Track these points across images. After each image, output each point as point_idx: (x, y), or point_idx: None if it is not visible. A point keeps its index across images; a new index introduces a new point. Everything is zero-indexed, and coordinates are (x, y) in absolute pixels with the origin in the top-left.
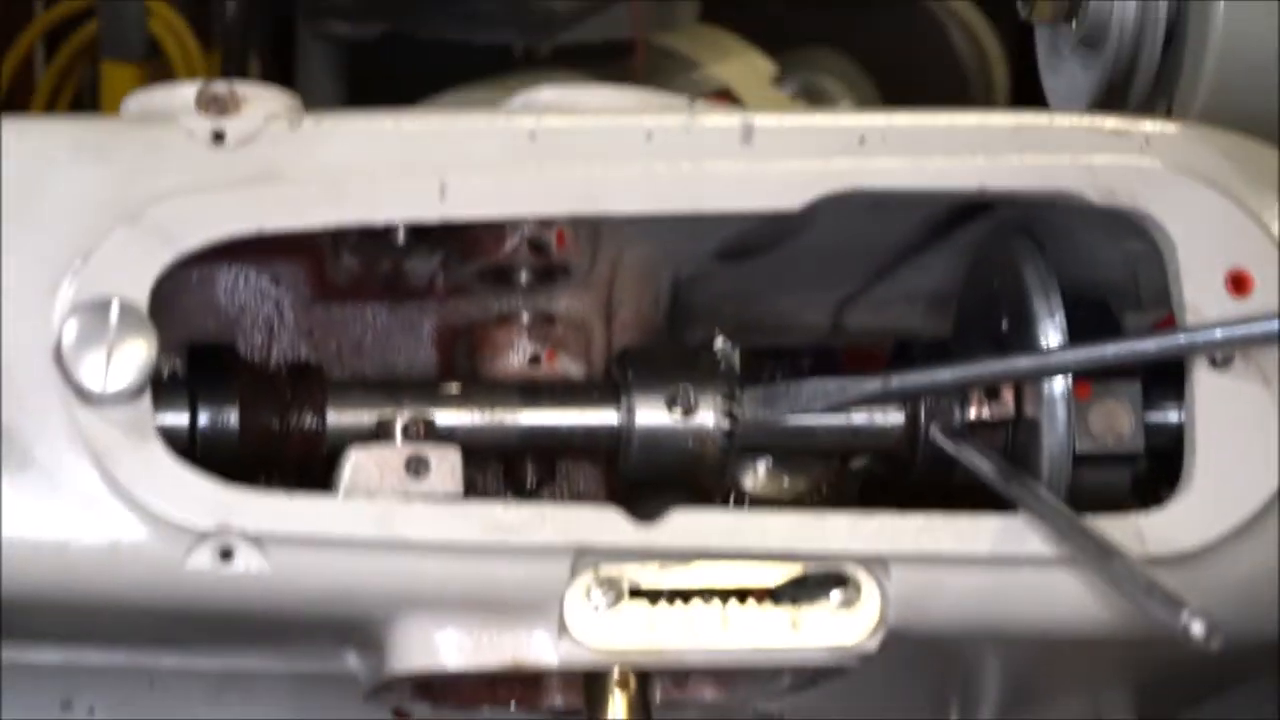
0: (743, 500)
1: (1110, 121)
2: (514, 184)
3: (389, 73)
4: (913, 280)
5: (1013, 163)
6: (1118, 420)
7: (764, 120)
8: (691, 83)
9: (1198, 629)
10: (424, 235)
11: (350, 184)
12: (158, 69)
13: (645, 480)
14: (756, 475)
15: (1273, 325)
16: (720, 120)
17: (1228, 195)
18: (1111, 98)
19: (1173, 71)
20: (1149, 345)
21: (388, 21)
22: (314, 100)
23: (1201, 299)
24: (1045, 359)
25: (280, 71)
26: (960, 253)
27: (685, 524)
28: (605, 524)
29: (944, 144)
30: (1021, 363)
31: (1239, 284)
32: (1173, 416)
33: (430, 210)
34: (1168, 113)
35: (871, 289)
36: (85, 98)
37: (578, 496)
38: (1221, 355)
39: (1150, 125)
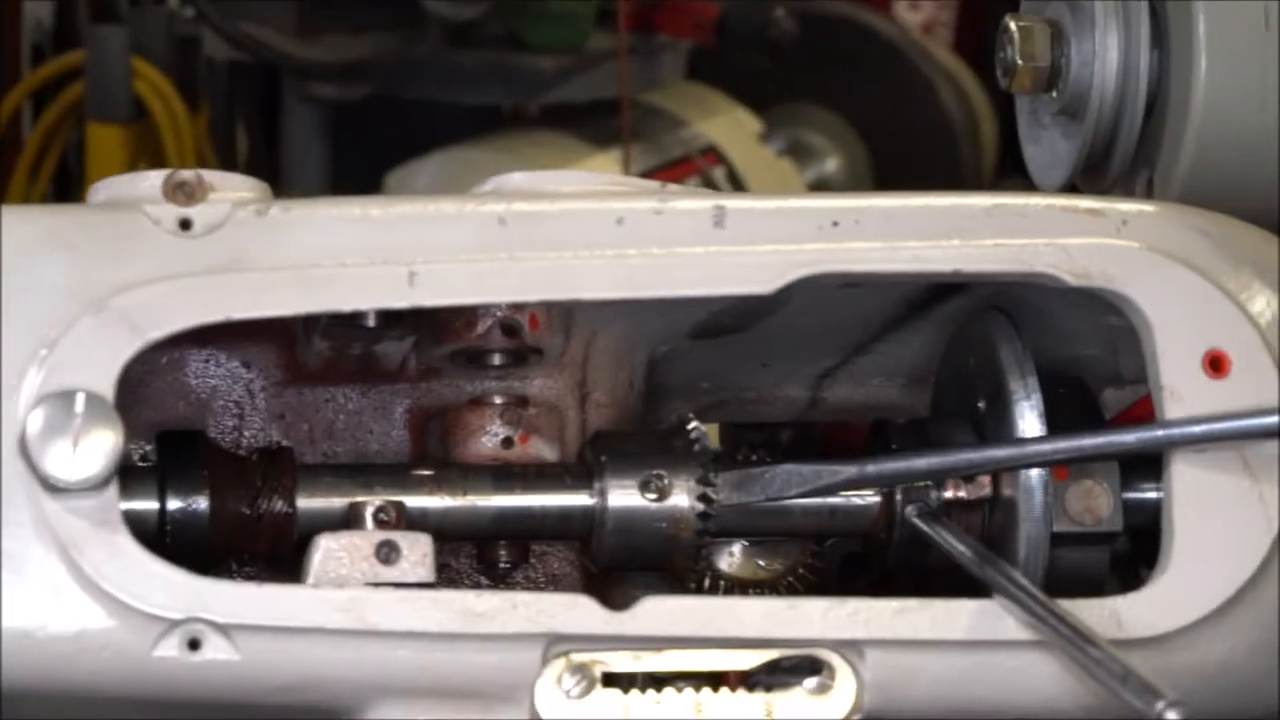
0: (718, 583)
1: (1086, 202)
2: (484, 270)
3: (375, 133)
4: (892, 355)
5: (987, 245)
6: (1096, 500)
7: (735, 203)
8: (678, 140)
9: (1173, 717)
10: (396, 319)
11: (318, 271)
12: (143, 130)
13: (619, 564)
14: (732, 557)
15: (1253, 423)
16: (691, 204)
17: (1205, 276)
18: (1092, 167)
19: (1154, 141)
20: (1128, 438)
21: (373, 83)
22: (300, 161)
23: (1179, 380)
24: (1022, 450)
25: (266, 133)
26: (939, 328)
27: (658, 611)
28: (577, 612)
29: (918, 226)
30: (998, 453)
31: (1217, 365)
32: (1151, 494)
33: (399, 297)
34: (1149, 182)
35: (850, 364)
36: (71, 157)
37: (552, 579)
38: None
39: (1127, 206)
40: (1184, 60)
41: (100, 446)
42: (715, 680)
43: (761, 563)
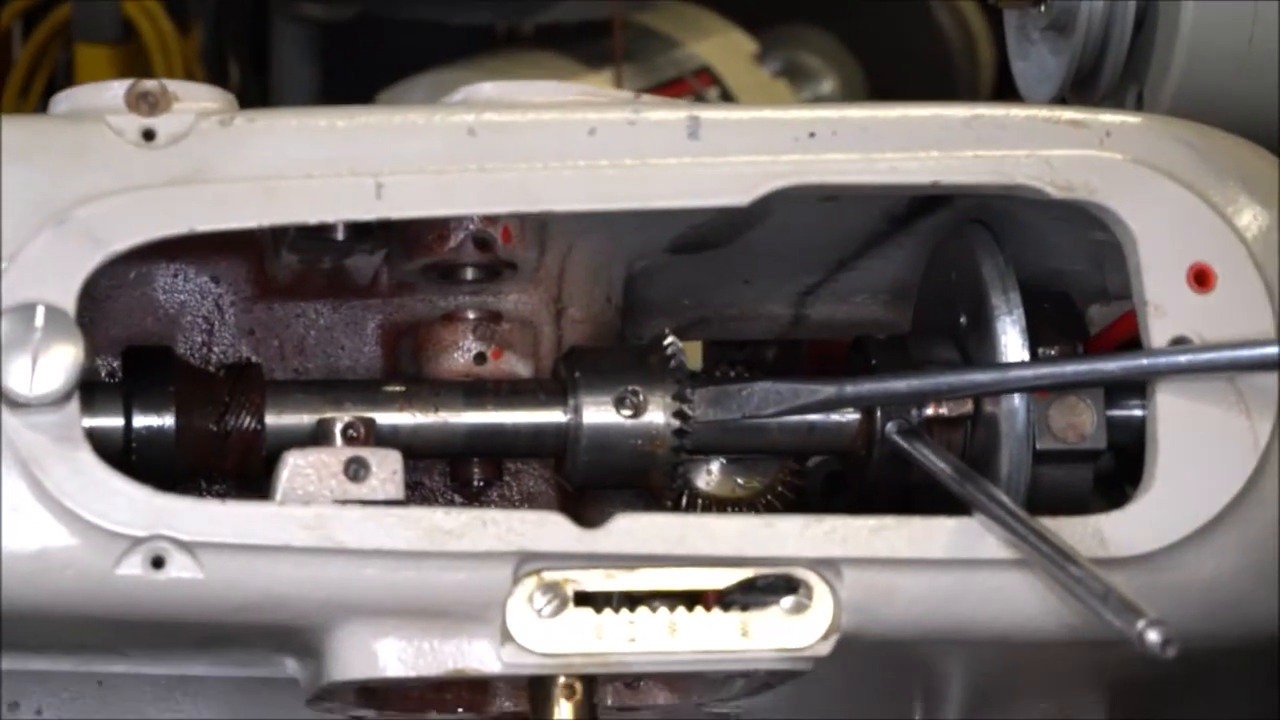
0: (696, 501)
1: (1069, 113)
2: (453, 182)
3: (365, 54)
4: (874, 271)
5: (966, 156)
6: (1079, 417)
7: (710, 114)
8: (672, 61)
9: (1153, 637)
10: (365, 231)
11: (284, 183)
12: (132, 51)
13: (594, 482)
14: (710, 475)
15: (1242, 354)
16: (665, 114)
17: (1191, 189)
18: (1081, 82)
19: (1144, 55)
20: (1111, 366)
21: (362, 3)
22: (289, 84)
23: (1164, 295)
24: (1003, 374)
25: (255, 55)
26: (922, 243)
27: (631, 529)
28: (549, 529)
29: (896, 138)
30: (980, 377)
31: (1202, 279)
32: (1136, 411)
33: (366, 210)
34: (1139, 98)
35: (833, 280)
36: (61, 78)
37: (527, 498)
38: None
39: (1110, 117)
40: None
41: (61, 361)
42: (690, 599)
43: (740, 480)
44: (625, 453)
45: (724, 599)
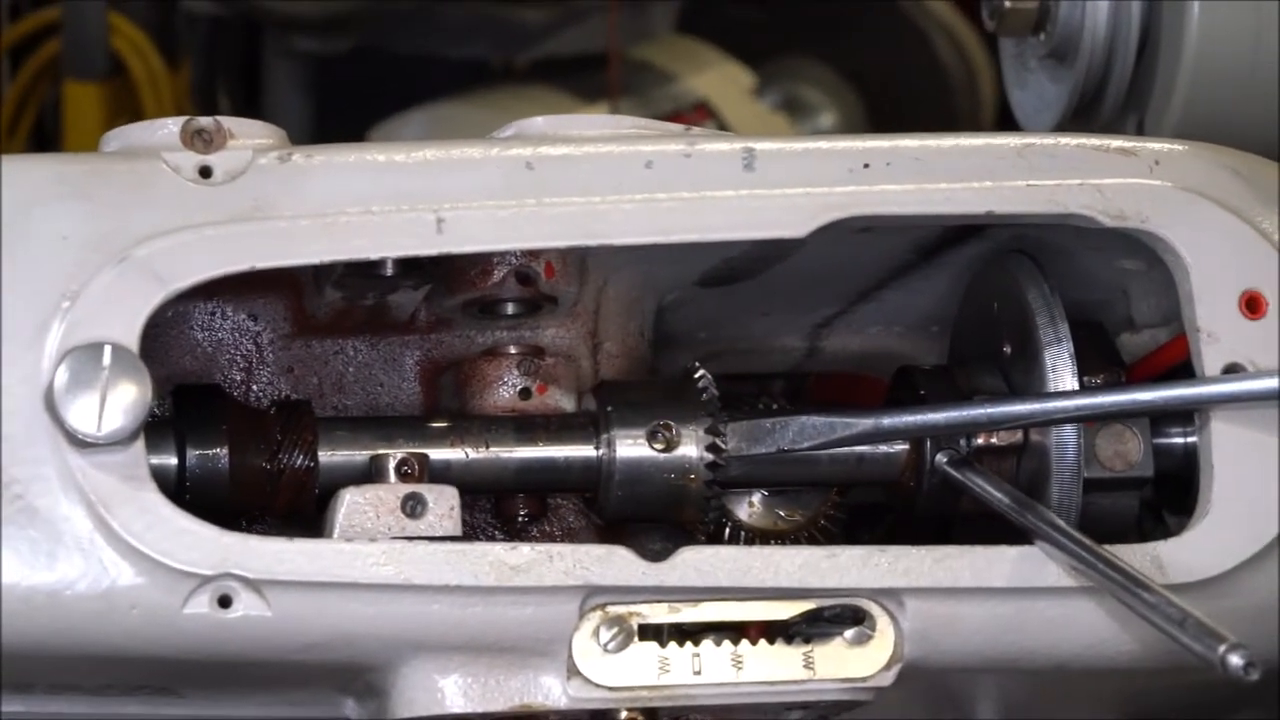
0: (739, 534)
1: (1116, 141)
2: (513, 216)
3: (358, 88)
4: (891, 302)
5: (1020, 185)
6: (1127, 445)
7: (765, 145)
8: (668, 95)
9: (1236, 660)
10: (412, 267)
11: (343, 219)
12: (121, 88)
13: (627, 516)
14: (752, 508)
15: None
16: (721, 146)
17: (1240, 215)
18: (1081, 111)
19: (1145, 82)
20: (1157, 396)
21: (356, 37)
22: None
23: (1215, 322)
24: (1048, 404)
25: (247, 90)
26: (945, 274)
27: (696, 562)
28: (615, 564)
29: (949, 168)
30: (1018, 408)
31: (1253, 306)
32: (1180, 439)
33: (427, 244)
34: (1139, 127)
35: (850, 312)
36: (48, 116)
37: (568, 533)
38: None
39: (1157, 145)
40: (1176, 2)
41: (128, 400)
42: (753, 632)
43: (782, 513)
44: (658, 486)
45: (788, 631)
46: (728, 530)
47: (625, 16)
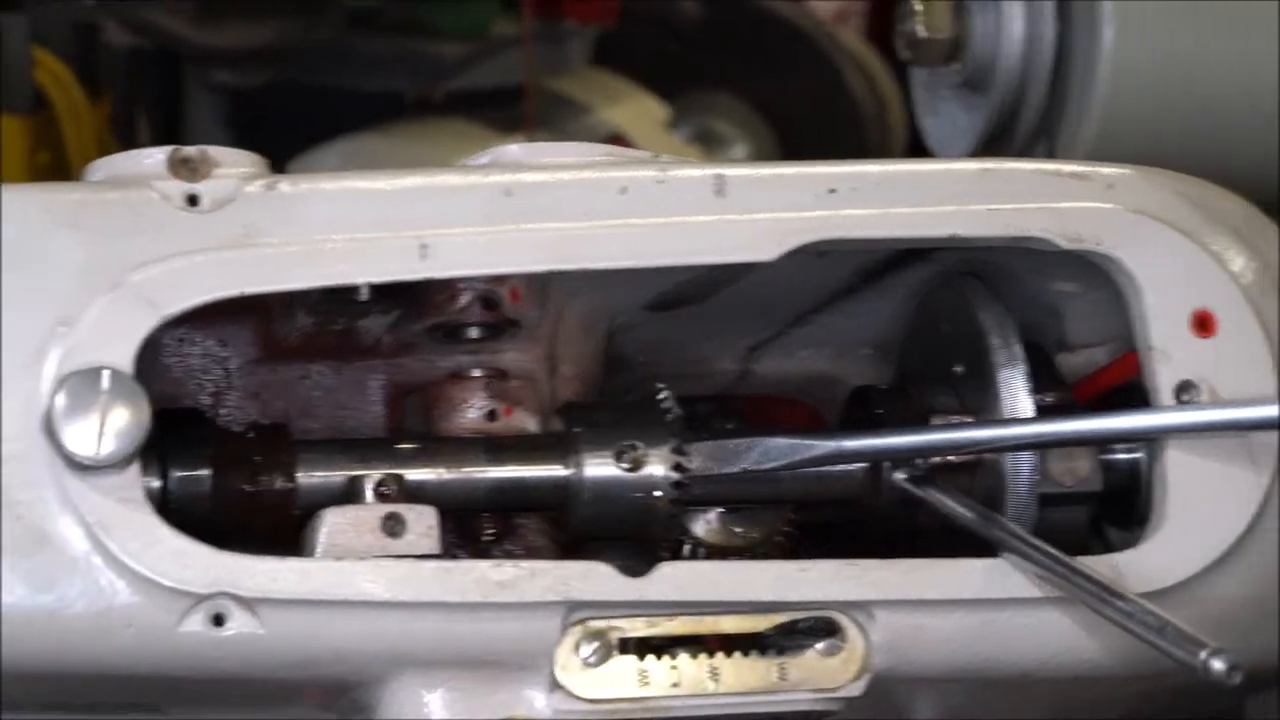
0: (697, 551)
1: (1070, 166)
2: (494, 241)
3: (278, 120)
4: (825, 326)
5: (980, 210)
6: (1076, 461)
7: (735, 172)
8: (584, 127)
9: (1218, 665)
10: (386, 293)
11: (330, 245)
12: (43, 120)
13: (593, 534)
14: (709, 524)
15: (1238, 414)
16: (692, 172)
17: (1190, 237)
18: (994, 139)
19: (1056, 111)
20: (1116, 424)
21: (275, 69)
22: None
23: (1168, 340)
24: (1010, 431)
25: (168, 121)
26: (887, 298)
27: (674, 576)
28: (596, 579)
29: (912, 193)
30: (982, 434)
31: (1203, 324)
32: (1125, 454)
33: (411, 269)
34: (1050, 152)
35: (785, 335)
36: None
37: (530, 551)
38: (1189, 393)
39: (1109, 170)
40: (1089, 30)
41: (125, 423)
42: (729, 645)
43: (738, 529)
44: (625, 505)
45: (762, 644)
46: (687, 547)
47: (541, 50)
